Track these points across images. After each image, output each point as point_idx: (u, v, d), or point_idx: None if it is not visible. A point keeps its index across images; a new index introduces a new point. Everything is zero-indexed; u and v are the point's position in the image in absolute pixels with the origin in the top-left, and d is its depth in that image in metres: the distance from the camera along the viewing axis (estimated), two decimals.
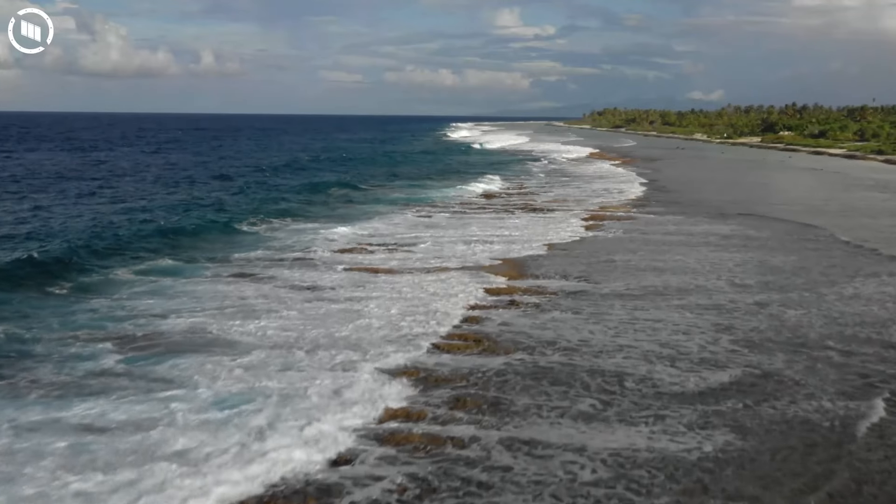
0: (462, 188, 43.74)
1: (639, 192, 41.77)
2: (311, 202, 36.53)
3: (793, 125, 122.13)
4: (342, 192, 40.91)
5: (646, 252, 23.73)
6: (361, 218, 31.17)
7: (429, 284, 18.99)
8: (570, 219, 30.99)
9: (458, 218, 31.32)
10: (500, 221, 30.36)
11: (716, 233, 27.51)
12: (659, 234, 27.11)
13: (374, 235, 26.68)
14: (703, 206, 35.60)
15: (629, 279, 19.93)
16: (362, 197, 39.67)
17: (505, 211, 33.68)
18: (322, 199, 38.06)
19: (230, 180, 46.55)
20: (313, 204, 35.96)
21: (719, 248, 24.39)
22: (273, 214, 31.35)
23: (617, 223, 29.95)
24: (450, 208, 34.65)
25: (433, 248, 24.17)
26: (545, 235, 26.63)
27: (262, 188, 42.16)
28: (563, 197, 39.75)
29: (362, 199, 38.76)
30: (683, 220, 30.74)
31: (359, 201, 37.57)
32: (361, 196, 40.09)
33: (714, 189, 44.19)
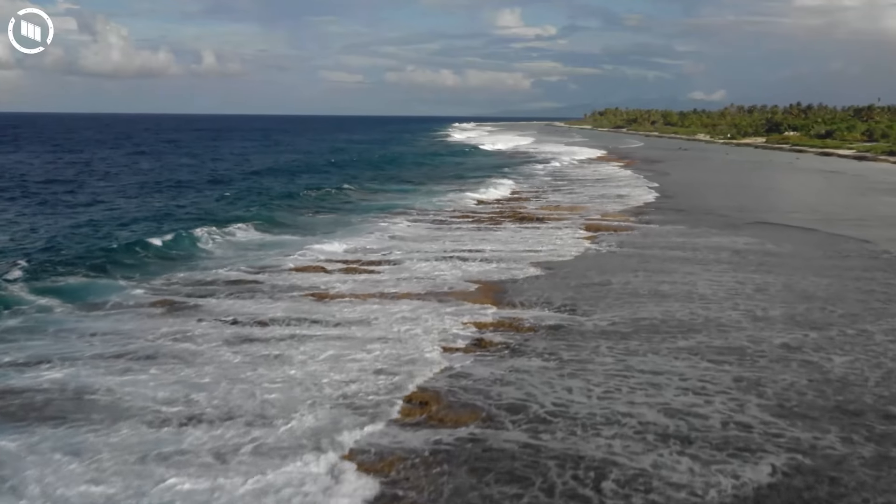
0: (456, 194, 39.99)
1: (640, 198, 38.12)
2: (292, 209, 33.02)
3: (798, 125, 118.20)
4: (329, 199, 37.35)
5: (646, 272, 20.14)
6: (338, 228, 27.76)
7: (382, 319, 15.42)
8: (564, 230, 27.38)
9: (443, 229, 27.73)
10: (487, 234, 26.74)
11: (728, 247, 23.87)
12: (662, 249, 23.49)
13: (344, 250, 23.13)
14: (711, 214, 31.97)
15: (624, 308, 16.35)
16: (348, 204, 35.98)
17: (494, 221, 30.05)
18: (305, 205, 34.48)
19: (216, 184, 43.01)
20: (294, 211, 32.44)
21: (733, 267, 20.77)
22: (246, 220, 27.92)
23: (615, 235, 26.33)
24: (436, 217, 31.02)
25: (403, 267, 20.64)
26: (534, 251, 23.06)
27: (245, 193, 38.66)
28: (560, 204, 36.15)
29: (348, 206, 35.11)
30: (690, 231, 27.11)
31: (343, 209, 33.95)
32: (348, 203, 36.38)
33: (721, 194, 40.54)
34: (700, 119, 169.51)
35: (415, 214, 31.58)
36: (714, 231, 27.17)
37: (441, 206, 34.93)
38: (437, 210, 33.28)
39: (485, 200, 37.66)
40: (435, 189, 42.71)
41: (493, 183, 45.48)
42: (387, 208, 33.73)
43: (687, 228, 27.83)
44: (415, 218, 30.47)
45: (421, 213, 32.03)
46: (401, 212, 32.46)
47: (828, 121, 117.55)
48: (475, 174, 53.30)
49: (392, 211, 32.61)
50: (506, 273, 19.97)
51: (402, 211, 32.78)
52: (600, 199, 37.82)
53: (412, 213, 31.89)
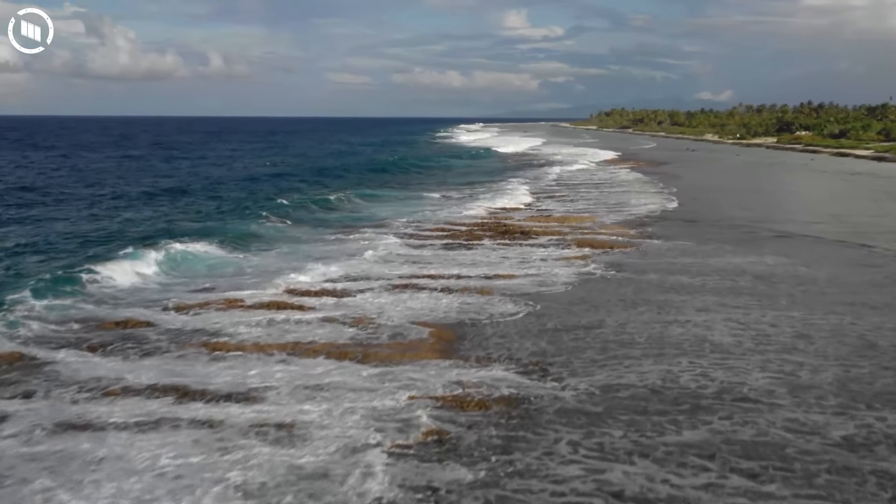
0: (457, 203, 35.76)
1: (643, 206, 33.62)
2: (266, 221, 28.27)
3: (810, 125, 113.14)
4: (308, 208, 32.71)
5: (646, 307, 15.75)
6: (305, 246, 23.58)
7: (275, 389, 11.12)
8: (551, 248, 23.00)
9: (419, 248, 23.35)
10: (462, 255, 22.37)
11: (748, 270, 19.41)
12: (667, 274, 19.05)
13: (294, 273, 18.92)
14: (725, 225, 27.50)
15: (611, 368, 12.02)
16: (325, 216, 31.28)
17: (473, 236, 25.66)
18: (284, 216, 29.77)
19: (183, 194, 38.41)
20: (266, 224, 27.73)
21: (757, 300, 16.33)
22: (205, 237, 23.67)
23: (612, 254, 21.92)
24: (416, 231, 26.67)
25: (343, 303, 16.33)
26: (510, 277, 18.69)
27: (220, 203, 34.43)
28: (552, 213, 31.73)
29: (321, 218, 30.34)
30: (701, 249, 22.66)
31: (313, 222, 29.18)
32: (326, 215, 31.62)
33: (734, 200, 36.00)
34: (708, 119, 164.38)
35: (404, 229, 26.98)
36: (730, 248, 22.69)
37: (430, 217, 30.54)
38: (423, 222, 28.87)
39: (493, 209, 33.10)
40: (429, 195, 38.34)
41: (502, 190, 41.06)
42: (368, 221, 29.39)
43: (697, 245, 23.38)
44: (404, 232, 25.98)
45: (412, 227, 27.54)
46: (380, 224, 28.12)
47: (841, 120, 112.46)
48: (482, 179, 48.93)
49: (378, 224, 28.15)
50: (470, 309, 15.62)
51: (382, 223, 28.42)
52: (599, 206, 33.37)
53: (401, 228, 27.20)
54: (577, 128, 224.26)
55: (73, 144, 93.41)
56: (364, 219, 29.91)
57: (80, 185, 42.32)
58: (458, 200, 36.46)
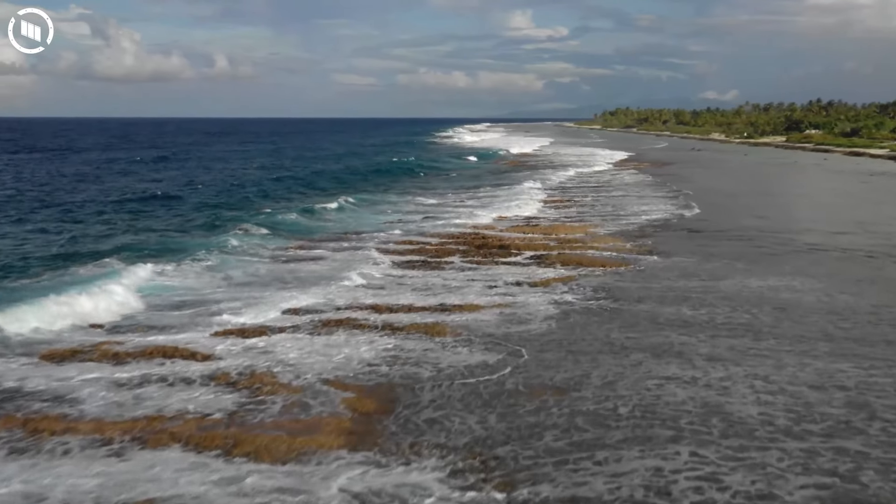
0: (441, 213, 32.10)
1: (641, 216, 29.81)
2: (242, 232, 24.63)
3: (819, 123, 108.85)
4: (292, 218, 28.32)
5: (637, 355, 12.01)
6: (267, 268, 19.81)
7: None
8: (538, 268, 19.27)
9: (387, 272, 19.63)
10: (422, 277, 18.65)
11: (769, 297, 15.60)
12: (667, 303, 15.26)
13: (221, 312, 15.31)
14: (736, 237, 23.67)
15: (572, 468, 8.29)
16: (309, 225, 27.27)
17: (445, 251, 21.93)
18: (263, 226, 25.90)
19: (160, 201, 34.11)
20: (232, 237, 23.97)
21: (787, 343, 12.53)
22: (136, 253, 20.19)
23: (601, 275, 18.15)
24: (388, 246, 22.95)
25: (257, 349, 12.67)
26: (474, 309, 14.95)
27: (180, 212, 30.57)
28: (539, 223, 27.97)
29: (302, 230, 26.09)
30: (709, 268, 18.85)
31: (292, 235, 25.07)
32: (310, 223, 27.62)
33: (746, 205, 32.11)
34: (714, 118, 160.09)
35: (383, 244, 23.10)
36: (743, 266, 18.87)
37: (414, 228, 26.82)
38: (399, 235, 25.19)
39: (506, 217, 29.33)
40: (425, 202, 34.54)
41: (498, 196, 37.36)
42: (353, 233, 25.62)
43: (703, 262, 19.56)
44: (384, 248, 22.20)
45: (392, 241, 23.81)
46: (372, 239, 24.31)
47: (852, 118, 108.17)
48: (478, 184, 45.16)
49: (362, 238, 24.33)
50: (411, 359, 11.91)
51: (374, 238, 24.62)
52: (594, 213, 29.55)
53: (382, 243, 23.27)
54: (581, 127, 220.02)
55: (63, 147, 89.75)
56: (349, 231, 25.76)
57: (49, 191, 38.30)
58: (451, 208, 32.73)
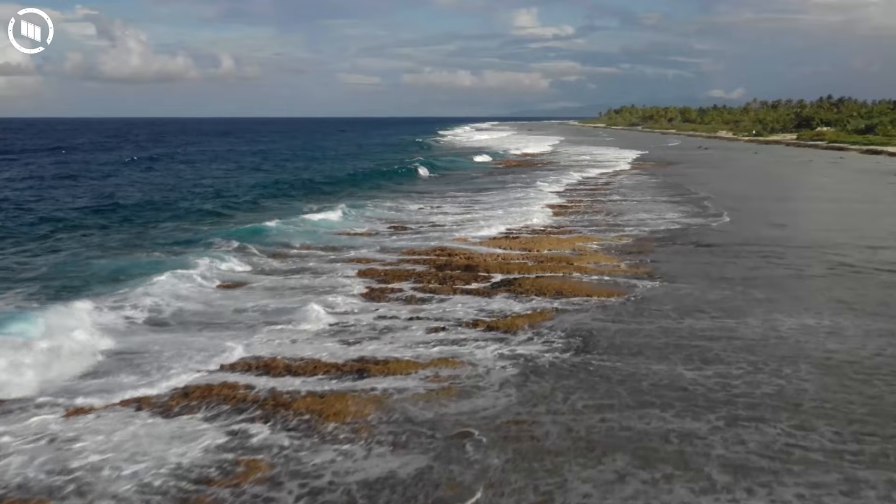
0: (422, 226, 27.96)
1: (641, 225, 25.60)
2: (207, 251, 20.92)
3: (831, 120, 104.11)
4: (268, 236, 23.05)
5: (622, 459, 7.85)
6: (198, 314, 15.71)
7: None
8: (507, 299, 15.19)
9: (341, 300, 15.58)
10: (367, 314, 14.64)
11: (806, 347, 11.38)
12: (663, 359, 11.10)
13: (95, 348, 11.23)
14: (756, 252, 19.46)
15: None
16: (280, 247, 23.19)
17: (396, 276, 17.86)
18: (226, 250, 22.44)
19: (118, 213, 28.70)
20: (187, 265, 20.28)
21: (854, 440, 8.33)
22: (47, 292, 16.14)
23: (586, 310, 14.01)
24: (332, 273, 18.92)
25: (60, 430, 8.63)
26: (399, 371, 10.85)
27: (160, 225, 25.84)
28: (519, 234, 23.82)
29: (274, 249, 22.56)
30: (719, 298, 14.66)
31: (260, 260, 21.44)
32: (281, 244, 22.72)
33: (763, 210, 27.83)
34: (721, 115, 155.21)
35: (360, 262, 19.35)
36: (764, 296, 14.67)
37: (389, 245, 22.91)
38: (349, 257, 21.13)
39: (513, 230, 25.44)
40: (410, 207, 30.42)
41: (516, 200, 33.33)
42: (323, 257, 21.56)
43: (713, 288, 15.36)
44: (355, 273, 18.31)
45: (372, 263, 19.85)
46: (349, 262, 20.35)
47: (865, 115, 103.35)
48: (473, 187, 41.10)
49: (337, 261, 20.44)
50: (262, 469, 7.81)
51: (351, 261, 20.65)
52: (587, 223, 25.37)
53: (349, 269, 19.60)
54: (585, 126, 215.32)
55: (46, 147, 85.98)
56: (330, 245, 21.52)
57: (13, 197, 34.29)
58: (449, 214, 28.64)
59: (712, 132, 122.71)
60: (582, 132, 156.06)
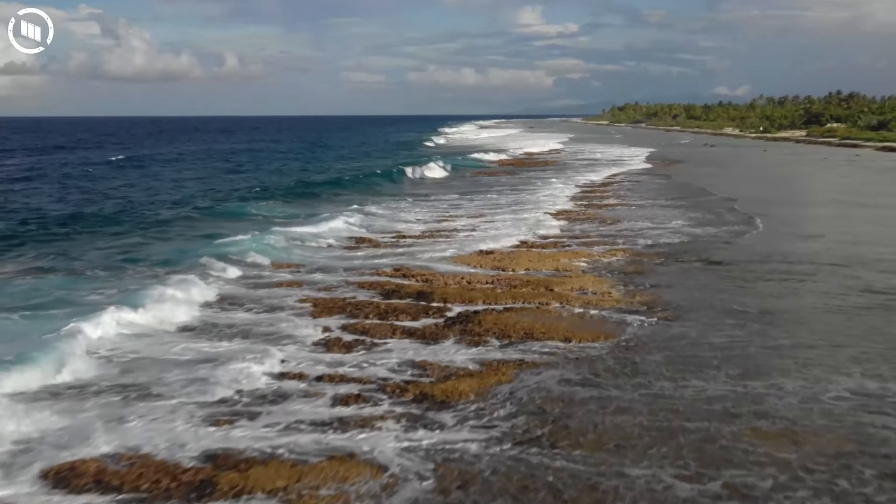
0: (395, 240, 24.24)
1: (644, 236, 21.86)
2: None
3: (841, 116, 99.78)
4: (235, 252, 20.83)
5: None
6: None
7: None
8: (456, 345, 11.59)
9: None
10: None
11: (868, 445, 7.71)
12: (656, 460, 7.44)
13: None
14: (781, 272, 15.69)
15: None
16: (218, 287, 20.19)
17: (327, 308, 14.25)
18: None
19: (52, 230, 23.56)
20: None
21: None
22: None
23: (557, 366, 10.36)
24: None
25: None
26: (264, 491, 7.21)
27: (92, 247, 22.40)
28: (502, 248, 20.15)
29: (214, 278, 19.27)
30: (740, 341, 10.95)
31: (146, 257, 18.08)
32: (221, 280, 20.51)
33: (783, 217, 23.97)
34: (726, 112, 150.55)
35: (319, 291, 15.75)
36: (797, 336, 10.96)
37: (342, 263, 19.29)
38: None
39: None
40: (409, 218, 26.69)
41: (518, 204, 29.62)
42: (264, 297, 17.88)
43: (729, 328, 11.66)
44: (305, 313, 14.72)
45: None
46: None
47: (876, 110, 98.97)
48: (491, 190, 37.44)
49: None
50: None
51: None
52: (579, 232, 21.62)
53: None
54: (589, 123, 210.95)
55: (26, 147, 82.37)
56: (304, 266, 18.16)
57: None
58: (445, 221, 25.01)
59: (718, 129, 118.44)
60: (587, 129, 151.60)
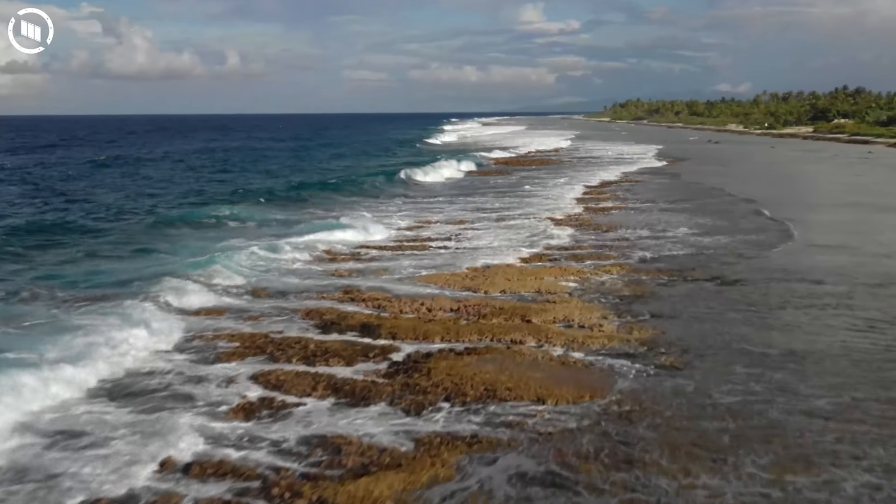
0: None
1: (644, 246, 18.92)
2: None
3: (849, 111, 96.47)
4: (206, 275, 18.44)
5: None
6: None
7: None
8: (367, 433, 8.71)
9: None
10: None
11: None
12: None
13: None
14: (809, 297, 12.74)
15: None
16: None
17: (235, 353, 11.38)
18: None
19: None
20: None
21: None
22: None
23: (533, 439, 7.47)
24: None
25: None
26: None
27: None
28: (478, 263, 17.25)
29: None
30: (758, 397, 8.05)
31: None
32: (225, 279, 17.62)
33: (804, 221, 21.00)
34: (730, 108, 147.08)
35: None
36: (840, 397, 8.05)
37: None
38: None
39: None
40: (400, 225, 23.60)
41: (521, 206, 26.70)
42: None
43: (747, 376, 8.78)
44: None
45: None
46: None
47: (884, 105, 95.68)
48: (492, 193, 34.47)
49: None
50: None
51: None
52: (572, 242, 18.69)
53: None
54: (590, 120, 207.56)
55: (12, 146, 79.27)
56: (268, 291, 15.24)
57: None
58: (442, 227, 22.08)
59: (721, 125, 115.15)
60: (590, 126, 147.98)
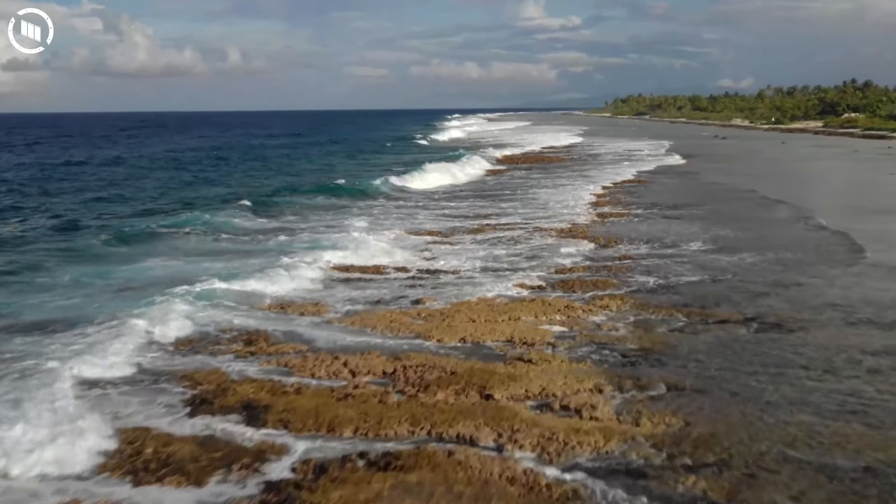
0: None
1: (647, 269, 15.17)
2: None
3: (859, 105, 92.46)
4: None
5: None
6: None
7: None
8: None
9: None
10: None
11: None
12: None
13: None
14: (881, 365, 9.03)
15: None
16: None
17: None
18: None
19: None
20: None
21: None
22: None
23: None
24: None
25: None
26: None
27: None
28: (432, 306, 13.54)
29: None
30: None
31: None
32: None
33: (836, 238, 17.24)
34: (734, 103, 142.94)
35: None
36: None
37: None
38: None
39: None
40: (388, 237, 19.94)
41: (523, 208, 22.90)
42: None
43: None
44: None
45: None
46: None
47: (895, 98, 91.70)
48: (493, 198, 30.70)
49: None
50: None
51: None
52: (567, 261, 14.99)
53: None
54: (591, 115, 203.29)
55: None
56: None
57: None
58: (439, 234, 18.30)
59: (726, 120, 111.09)
60: (593, 122, 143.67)
